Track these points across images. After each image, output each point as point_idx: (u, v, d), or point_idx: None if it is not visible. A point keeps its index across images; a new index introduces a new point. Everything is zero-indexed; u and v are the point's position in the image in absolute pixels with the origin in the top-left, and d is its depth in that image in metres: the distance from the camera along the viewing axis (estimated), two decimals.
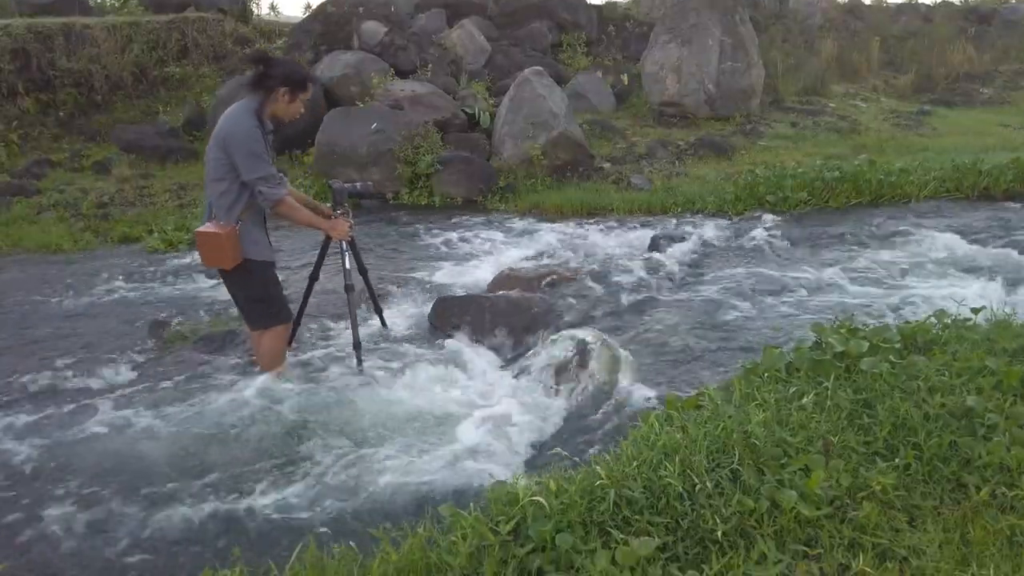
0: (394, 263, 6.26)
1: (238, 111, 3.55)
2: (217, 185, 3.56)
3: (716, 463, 2.40)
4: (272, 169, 3.57)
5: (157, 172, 9.00)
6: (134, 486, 3.15)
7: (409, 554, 2.19)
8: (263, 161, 3.51)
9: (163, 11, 11.81)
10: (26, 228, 7.07)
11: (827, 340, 3.13)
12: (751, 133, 10.63)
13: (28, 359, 4.46)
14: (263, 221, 3.79)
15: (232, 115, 3.54)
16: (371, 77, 9.66)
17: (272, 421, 3.60)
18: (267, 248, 3.77)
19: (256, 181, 3.50)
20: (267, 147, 3.59)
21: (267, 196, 3.53)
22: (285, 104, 3.61)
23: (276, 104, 3.60)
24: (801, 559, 2.13)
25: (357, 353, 4.10)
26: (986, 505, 2.32)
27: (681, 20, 11.14)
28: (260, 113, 3.57)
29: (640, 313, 4.91)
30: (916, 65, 14.87)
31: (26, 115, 9.85)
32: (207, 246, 3.56)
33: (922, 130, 11.25)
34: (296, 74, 3.63)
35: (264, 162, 3.52)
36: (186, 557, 2.72)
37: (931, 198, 7.49)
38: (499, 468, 3.12)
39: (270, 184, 3.52)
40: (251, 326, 3.93)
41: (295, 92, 3.60)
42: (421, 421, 3.57)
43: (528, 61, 11.38)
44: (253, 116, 3.53)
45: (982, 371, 2.87)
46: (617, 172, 8.89)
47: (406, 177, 8.24)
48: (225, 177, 3.53)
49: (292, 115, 3.68)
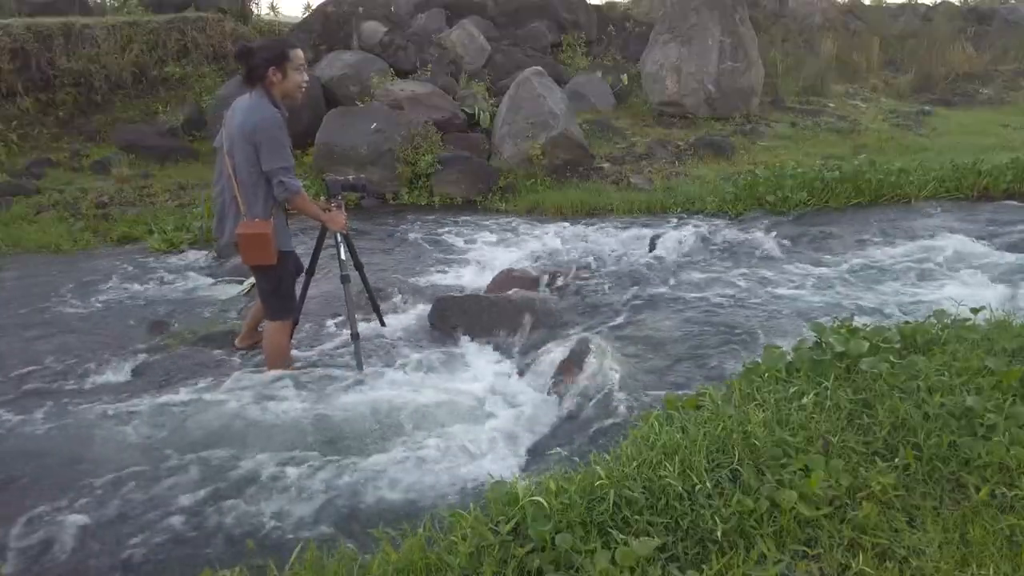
0: (394, 263, 6.26)
1: (257, 103, 3.55)
2: (249, 179, 3.57)
3: (716, 463, 2.40)
4: (292, 161, 3.61)
5: (157, 172, 8.99)
6: (134, 486, 3.14)
7: (409, 554, 2.19)
8: (287, 151, 3.55)
9: (163, 11, 11.80)
10: (25, 228, 7.06)
11: (827, 340, 3.13)
12: (751, 133, 10.63)
13: (27, 359, 4.45)
14: (285, 210, 3.83)
15: (253, 107, 3.55)
16: (371, 77, 9.66)
17: (271, 421, 3.60)
18: (288, 238, 3.83)
19: (278, 171, 3.52)
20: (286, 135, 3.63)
21: (288, 187, 3.55)
22: (281, 82, 3.59)
23: (275, 88, 3.60)
24: (801, 559, 2.13)
25: (356, 345, 4.08)
26: (986, 505, 2.32)
27: (681, 20, 11.14)
28: (274, 102, 3.60)
29: (640, 313, 4.91)
30: (916, 65, 14.86)
31: (26, 115, 9.84)
32: (252, 246, 3.57)
33: (922, 130, 11.24)
34: (273, 49, 3.60)
35: (288, 152, 3.56)
36: (186, 557, 2.72)
37: (931, 198, 7.50)
38: (499, 468, 3.12)
39: (290, 175, 3.56)
40: (266, 316, 3.97)
41: (281, 66, 3.57)
42: (420, 421, 3.57)
43: (528, 61, 11.38)
44: (271, 105, 3.57)
45: (981, 371, 2.88)
46: (617, 172, 8.89)
47: (406, 177, 8.24)
48: (255, 170, 3.55)
49: (294, 90, 3.64)
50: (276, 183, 3.55)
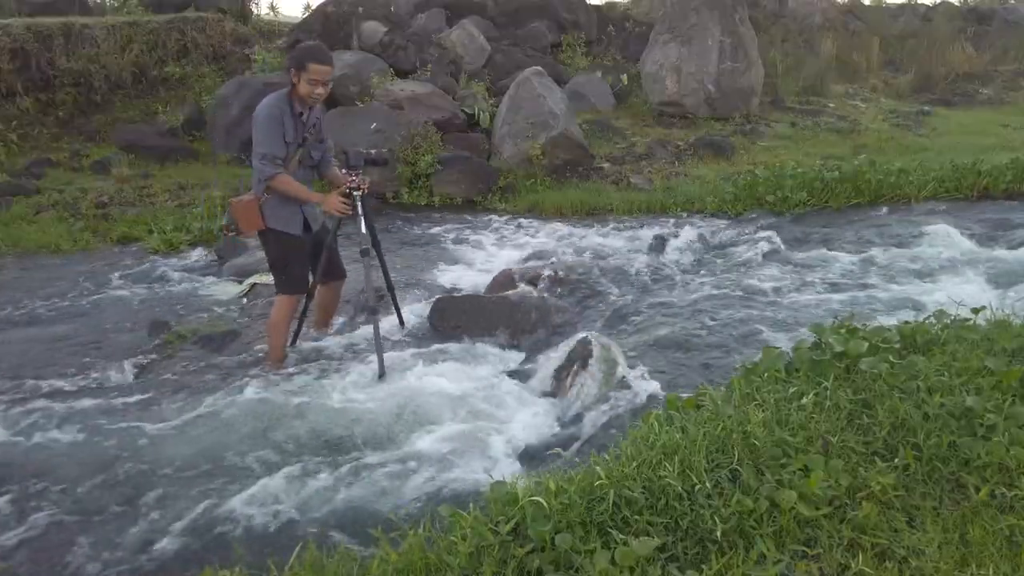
0: (394, 263, 6.24)
1: (271, 95, 3.84)
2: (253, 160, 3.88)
3: (715, 463, 2.40)
4: (277, 150, 3.78)
5: (156, 172, 8.98)
6: (134, 486, 3.15)
7: (408, 554, 2.18)
8: (269, 140, 3.77)
9: (163, 11, 11.80)
10: (25, 228, 7.05)
11: (826, 340, 3.13)
12: (751, 133, 10.63)
13: (27, 359, 4.46)
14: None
15: (265, 98, 3.83)
16: (371, 77, 9.65)
17: (271, 421, 3.60)
18: (292, 222, 3.97)
19: (257, 155, 3.79)
20: (293, 129, 3.82)
21: (258, 170, 3.82)
22: (298, 84, 3.77)
23: (296, 87, 3.79)
24: (800, 559, 2.13)
25: (374, 320, 4.04)
26: (985, 505, 2.32)
27: (681, 20, 11.14)
28: (292, 96, 3.80)
29: (640, 313, 4.91)
30: (915, 65, 14.86)
31: (25, 115, 9.82)
32: (238, 214, 3.90)
33: (921, 130, 11.24)
34: (298, 56, 3.78)
35: (270, 142, 3.77)
36: (186, 557, 2.72)
37: (931, 198, 7.50)
38: (499, 468, 3.12)
39: (263, 161, 3.78)
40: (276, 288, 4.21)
41: (298, 72, 3.74)
42: (420, 421, 3.57)
43: (528, 61, 11.37)
44: (281, 99, 3.79)
45: (981, 371, 2.87)
46: (617, 172, 8.89)
47: (406, 177, 8.24)
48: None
49: (306, 95, 3.78)
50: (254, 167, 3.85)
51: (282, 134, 3.78)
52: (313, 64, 3.69)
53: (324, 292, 4.42)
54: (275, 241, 4.01)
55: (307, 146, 3.95)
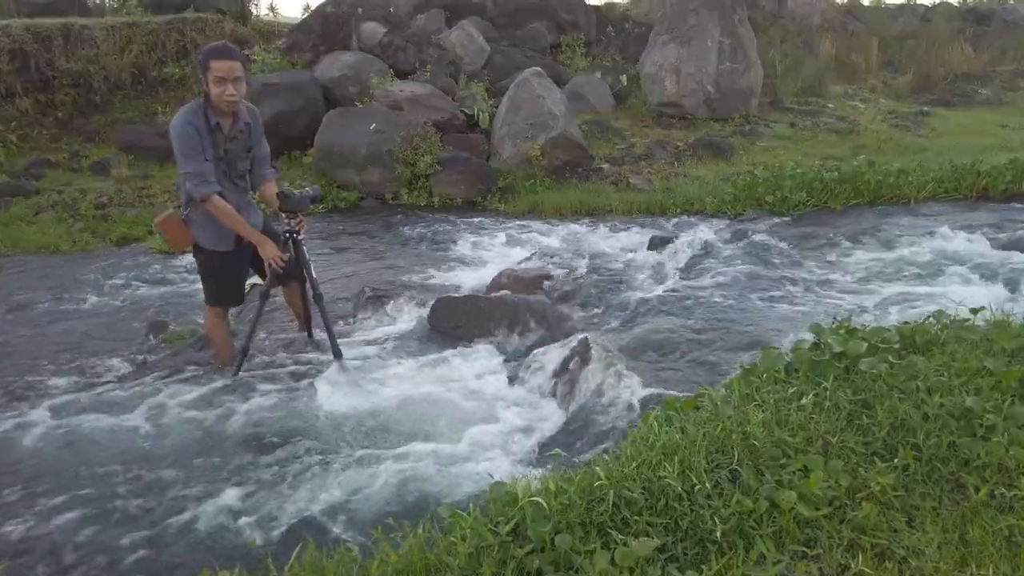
0: (393, 263, 6.26)
1: (182, 108, 3.61)
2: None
3: (715, 464, 2.40)
4: (203, 167, 3.55)
5: (156, 173, 8.99)
6: (133, 486, 3.15)
7: (408, 555, 2.18)
8: (191, 158, 3.54)
9: (162, 12, 11.79)
10: (24, 228, 7.05)
11: (826, 340, 3.13)
12: (750, 134, 10.64)
13: (26, 359, 4.45)
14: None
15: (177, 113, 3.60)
16: (370, 78, 9.66)
17: (271, 421, 3.60)
18: (221, 239, 3.80)
19: (183, 175, 3.61)
20: (211, 144, 3.58)
21: (190, 192, 3.65)
22: (208, 89, 3.53)
23: (208, 94, 3.55)
24: (800, 559, 2.13)
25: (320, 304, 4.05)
26: (985, 505, 2.31)
27: (680, 21, 11.14)
28: (207, 106, 3.56)
29: (639, 313, 4.91)
30: (915, 66, 14.87)
31: (25, 115, 9.82)
32: (163, 231, 3.92)
33: (920, 130, 11.25)
34: (200, 55, 3.55)
35: (192, 159, 3.54)
36: (186, 557, 2.72)
37: (930, 199, 7.50)
38: (499, 468, 3.11)
39: (194, 181, 3.58)
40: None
41: (204, 74, 3.52)
42: (420, 422, 3.57)
43: (527, 62, 11.37)
44: (193, 112, 3.56)
45: (981, 371, 2.87)
46: (616, 173, 8.89)
47: (405, 178, 8.24)
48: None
49: (218, 99, 3.52)
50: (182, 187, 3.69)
51: (200, 150, 3.54)
52: (213, 61, 3.46)
53: (286, 292, 4.40)
54: (207, 258, 3.88)
55: (228, 158, 3.70)
